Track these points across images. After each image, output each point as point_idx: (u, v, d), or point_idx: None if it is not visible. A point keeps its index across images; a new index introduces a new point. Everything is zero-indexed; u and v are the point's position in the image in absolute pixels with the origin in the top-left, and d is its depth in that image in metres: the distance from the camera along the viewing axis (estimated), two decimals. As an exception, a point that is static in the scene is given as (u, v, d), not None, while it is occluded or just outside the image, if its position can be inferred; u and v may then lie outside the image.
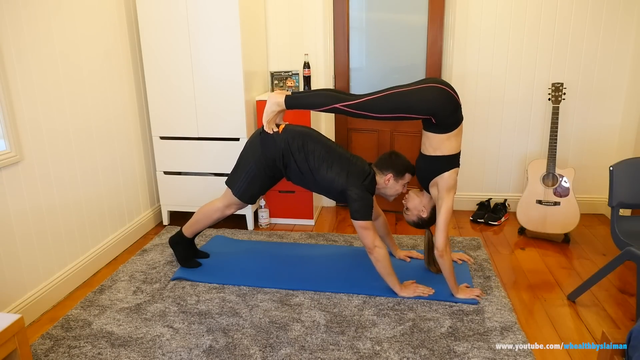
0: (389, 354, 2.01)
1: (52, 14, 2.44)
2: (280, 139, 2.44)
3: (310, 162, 2.44)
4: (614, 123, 3.39)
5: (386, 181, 2.48)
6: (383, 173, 2.48)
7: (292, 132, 2.46)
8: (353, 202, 2.37)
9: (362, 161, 2.52)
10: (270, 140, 2.46)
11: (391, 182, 2.48)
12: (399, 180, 2.49)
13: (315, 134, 2.53)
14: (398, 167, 2.48)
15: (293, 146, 2.44)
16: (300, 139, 2.45)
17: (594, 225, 3.37)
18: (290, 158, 2.45)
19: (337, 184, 2.42)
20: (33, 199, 2.36)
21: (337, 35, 3.53)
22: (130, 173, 3.21)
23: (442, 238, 2.32)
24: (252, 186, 2.54)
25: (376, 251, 2.37)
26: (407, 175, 2.52)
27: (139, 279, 2.69)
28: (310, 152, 2.44)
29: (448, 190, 2.34)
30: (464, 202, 3.70)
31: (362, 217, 2.36)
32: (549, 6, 3.24)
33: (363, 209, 2.36)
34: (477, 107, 3.49)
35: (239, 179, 2.54)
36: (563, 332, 2.18)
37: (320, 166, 2.43)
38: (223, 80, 3.11)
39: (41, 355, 2.05)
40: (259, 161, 2.49)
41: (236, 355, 2.02)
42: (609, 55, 3.27)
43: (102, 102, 2.87)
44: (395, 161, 2.50)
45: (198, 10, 3.01)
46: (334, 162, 2.44)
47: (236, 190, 2.55)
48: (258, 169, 2.50)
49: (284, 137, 2.45)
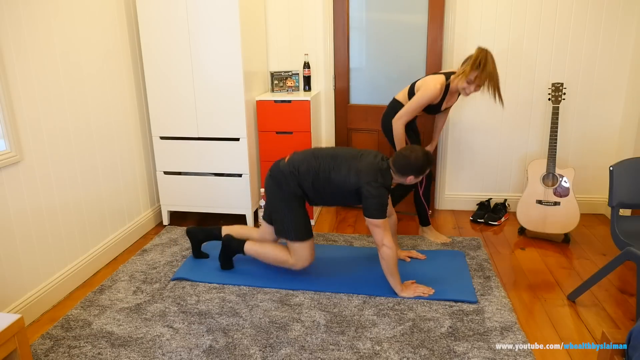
0: (389, 354, 2.01)
1: (52, 14, 2.44)
2: (288, 172, 2.48)
3: (321, 176, 2.45)
4: (614, 123, 3.39)
5: (409, 181, 2.48)
6: (403, 176, 2.45)
7: (296, 160, 2.50)
8: (367, 199, 2.36)
9: (374, 155, 2.47)
10: (281, 177, 2.49)
11: (412, 179, 2.48)
12: (420, 175, 2.47)
13: (318, 150, 2.55)
14: (419, 169, 2.43)
15: (302, 171, 2.46)
16: (304, 162, 2.47)
17: (594, 225, 3.37)
18: (304, 182, 2.47)
19: (349, 184, 2.41)
20: (33, 199, 2.36)
21: (337, 35, 3.53)
22: (131, 173, 3.21)
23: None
24: (298, 223, 2.53)
25: (384, 250, 2.37)
26: (429, 169, 2.50)
27: (139, 279, 2.69)
28: (317, 167, 2.46)
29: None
30: (464, 202, 3.70)
31: (377, 216, 2.36)
32: (549, 6, 3.24)
33: (378, 207, 2.36)
34: (477, 107, 3.49)
35: (285, 227, 2.54)
36: (563, 332, 2.18)
37: (330, 174, 2.44)
38: (223, 81, 3.11)
39: (41, 355, 2.05)
40: (285, 200, 2.52)
41: (236, 355, 2.02)
42: (609, 55, 3.27)
43: (102, 102, 2.87)
44: (415, 164, 2.41)
45: (198, 10, 3.01)
46: (341, 164, 2.44)
47: (292, 237, 2.54)
48: (289, 207, 2.52)
49: (290, 169, 2.48)
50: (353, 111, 3.65)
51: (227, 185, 3.33)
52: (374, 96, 3.61)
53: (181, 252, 3.02)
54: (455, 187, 3.71)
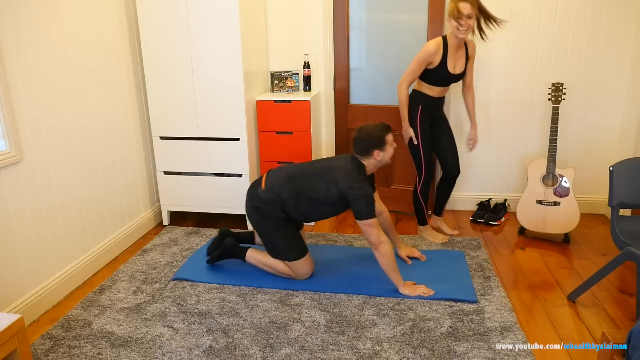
0: (389, 354, 2.01)
1: (52, 14, 2.44)
2: (269, 199, 2.48)
3: (302, 198, 2.47)
4: (614, 123, 3.39)
5: (377, 157, 2.48)
6: (368, 156, 2.48)
7: (275, 185, 2.49)
8: (355, 202, 2.37)
9: (344, 159, 2.50)
10: (263, 205, 2.50)
11: (381, 154, 2.48)
12: (385, 146, 2.48)
13: (292, 170, 2.53)
14: (376, 140, 2.46)
15: (283, 197, 2.47)
16: (283, 188, 2.48)
17: (594, 225, 3.37)
18: (287, 207, 2.49)
19: (332, 196, 2.42)
20: (33, 199, 2.36)
21: (337, 35, 3.53)
22: (131, 173, 3.21)
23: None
24: (291, 244, 2.55)
25: (381, 247, 2.37)
26: (388, 135, 2.49)
27: (139, 279, 2.69)
28: (296, 190, 2.47)
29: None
30: (464, 202, 3.70)
31: (366, 215, 2.36)
32: (549, 6, 3.24)
33: (365, 206, 2.36)
34: (477, 107, 3.48)
35: (280, 251, 2.57)
36: (563, 332, 2.18)
37: (310, 194, 2.45)
38: (223, 81, 3.11)
39: (41, 355, 2.05)
40: (272, 228, 2.54)
41: (236, 355, 2.02)
42: (609, 55, 3.27)
43: (102, 102, 2.87)
44: (370, 138, 2.45)
45: (198, 10, 3.01)
46: (318, 181, 2.45)
47: (288, 258, 2.56)
48: (279, 232, 2.54)
49: (270, 195, 2.48)
50: (353, 111, 3.65)
51: (227, 185, 3.33)
52: (374, 96, 3.61)
53: (181, 252, 3.02)
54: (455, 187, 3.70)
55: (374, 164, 2.51)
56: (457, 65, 2.83)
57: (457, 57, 2.82)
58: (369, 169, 2.52)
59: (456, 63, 2.82)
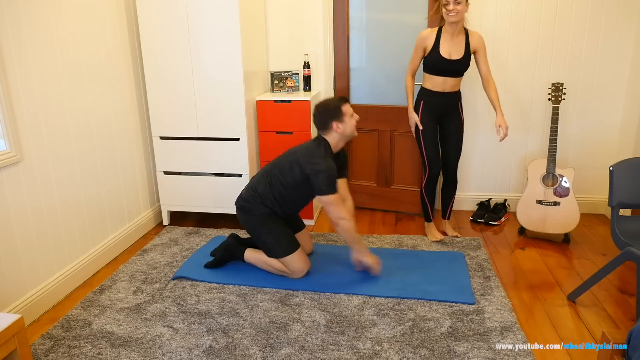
0: (389, 354, 2.01)
1: (52, 14, 2.44)
2: (250, 196, 2.57)
3: (275, 187, 2.54)
4: (614, 123, 3.39)
5: (337, 129, 2.49)
6: (329, 129, 2.50)
7: (253, 183, 2.62)
8: (315, 177, 2.39)
9: (309, 141, 2.56)
10: (246, 204, 2.58)
11: (341, 126, 2.49)
12: (343, 117, 2.49)
13: (268, 164, 2.62)
14: (333, 111, 2.48)
15: (260, 190, 2.56)
16: (260, 182, 2.58)
17: (594, 225, 3.37)
18: (267, 200, 2.55)
19: (297, 177, 2.47)
20: (33, 199, 2.36)
21: (337, 35, 3.53)
22: (131, 173, 3.21)
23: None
24: (280, 239, 2.57)
25: (341, 224, 2.43)
26: (345, 106, 2.51)
27: (139, 279, 2.69)
28: (270, 180, 2.54)
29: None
30: (464, 202, 3.70)
31: (325, 191, 2.39)
32: (549, 6, 3.24)
33: (327, 181, 2.38)
34: (477, 107, 3.49)
35: (271, 248, 2.59)
36: (563, 332, 2.18)
37: (281, 180, 2.51)
38: (223, 80, 3.11)
39: (41, 355, 2.05)
40: (260, 225, 2.58)
41: (236, 355, 2.02)
42: (609, 55, 3.27)
43: (102, 102, 2.87)
44: (326, 110, 2.49)
45: (198, 10, 3.01)
46: (284, 166, 2.52)
47: (280, 254, 2.58)
48: (267, 229, 2.57)
49: (250, 193, 2.58)
50: (353, 111, 3.64)
51: (227, 185, 3.33)
52: (374, 96, 3.61)
53: (181, 252, 3.02)
54: (455, 187, 3.71)
55: (337, 137, 2.52)
56: (452, 52, 2.83)
57: (453, 43, 2.82)
58: (333, 144, 2.53)
59: (452, 49, 2.83)
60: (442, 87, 2.90)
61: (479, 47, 2.86)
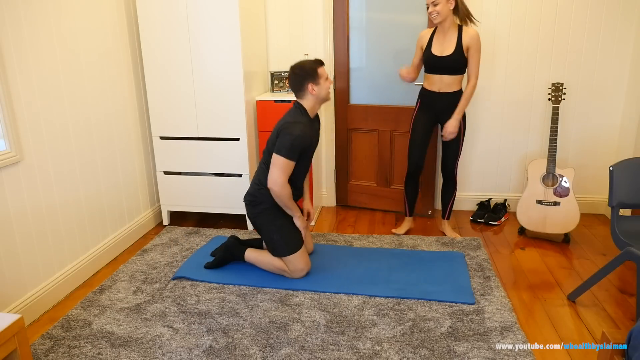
0: (389, 354, 2.01)
1: (52, 14, 2.44)
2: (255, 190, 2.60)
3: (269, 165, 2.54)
4: (614, 123, 3.39)
5: (312, 92, 2.48)
6: (304, 91, 2.48)
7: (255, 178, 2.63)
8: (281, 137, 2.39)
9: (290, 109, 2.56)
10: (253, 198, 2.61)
11: (316, 88, 2.48)
12: (318, 79, 2.48)
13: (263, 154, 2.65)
14: (309, 72, 2.46)
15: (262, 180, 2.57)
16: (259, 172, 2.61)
17: (594, 225, 3.37)
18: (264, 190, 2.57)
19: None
20: (33, 199, 2.36)
21: (337, 35, 3.53)
22: (131, 173, 3.21)
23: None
24: (286, 236, 2.57)
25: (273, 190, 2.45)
26: (321, 68, 2.49)
27: (139, 279, 2.69)
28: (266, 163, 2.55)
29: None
30: (464, 202, 3.70)
31: (284, 154, 2.39)
32: (549, 6, 3.24)
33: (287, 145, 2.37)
34: (477, 107, 3.49)
35: (277, 246, 2.59)
36: (563, 332, 2.18)
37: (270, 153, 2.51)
38: (223, 80, 3.11)
39: (41, 355, 2.05)
40: (268, 215, 2.58)
41: (236, 355, 2.02)
42: (609, 55, 3.27)
43: (102, 102, 2.87)
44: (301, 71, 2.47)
45: (198, 10, 3.01)
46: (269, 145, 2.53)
47: (284, 253, 2.58)
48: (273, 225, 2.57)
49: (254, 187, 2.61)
50: (353, 111, 3.65)
51: (227, 185, 3.33)
52: (374, 96, 3.61)
53: (181, 252, 3.02)
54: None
55: (312, 100, 2.51)
56: (444, 49, 2.83)
57: (445, 40, 2.83)
58: (309, 108, 2.52)
59: (443, 46, 2.84)
60: (438, 86, 2.90)
61: (471, 44, 2.78)
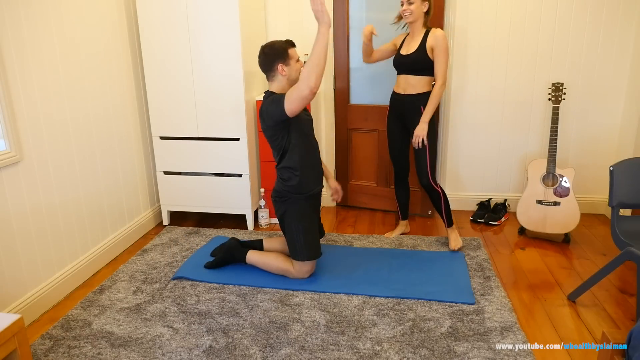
0: (389, 354, 2.01)
1: (52, 14, 2.44)
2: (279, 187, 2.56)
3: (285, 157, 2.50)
4: (614, 123, 3.39)
5: (282, 72, 2.43)
6: (274, 71, 2.43)
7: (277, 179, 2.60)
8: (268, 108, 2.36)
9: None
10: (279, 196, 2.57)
11: (286, 69, 2.43)
12: (289, 59, 2.42)
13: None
14: (279, 51, 2.40)
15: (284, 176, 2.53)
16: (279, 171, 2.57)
17: (594, 225, 3.37)
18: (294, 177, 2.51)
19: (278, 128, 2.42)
20: (33, 199, 2.36)
21: (337, 35, 3.53)
22: (130, 173, 3.21)
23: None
24: (309, 242, 2.54)
25: (313, 86, 2.21)
26: (292, 49, 2.44)
27: (139, 279, 2.69)
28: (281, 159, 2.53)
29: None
30: (464, 202, 3.70)
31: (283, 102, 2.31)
32: (549, 6, 3.24)
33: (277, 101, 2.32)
34: (477, 107, 3.49)
35: (298, 249, 2.55)
36: (563, 332, 2.18)
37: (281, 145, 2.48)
38: (223, 80, 3.12)
39: (41, 355, 2.05)
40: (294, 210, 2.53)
41: (236, 355, 2.02)
42: (609, 55, 3.27)
43: (102, 102, 2.87)
44: (272, 50, 2.41)
45: (198, 10, 3.01)
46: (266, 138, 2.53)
47: (304, 257, 2.55)
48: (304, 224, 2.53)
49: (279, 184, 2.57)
50: (353, 111, 3.65)
51: (227, 185, 3.33)
52: (374, 96, 3.61)
53: (181, 252, 3.02)
54: (455, 187, 3.71)
55: (283, 82, 2.44)
56: (409, 48, 2.84)
57: (412, 41, 2.84)
58: (279, 90, 2.45)
59: (409, 46, 2.85)
60: (403, 87, 2.90)
61: (435, 44, 2.72)
